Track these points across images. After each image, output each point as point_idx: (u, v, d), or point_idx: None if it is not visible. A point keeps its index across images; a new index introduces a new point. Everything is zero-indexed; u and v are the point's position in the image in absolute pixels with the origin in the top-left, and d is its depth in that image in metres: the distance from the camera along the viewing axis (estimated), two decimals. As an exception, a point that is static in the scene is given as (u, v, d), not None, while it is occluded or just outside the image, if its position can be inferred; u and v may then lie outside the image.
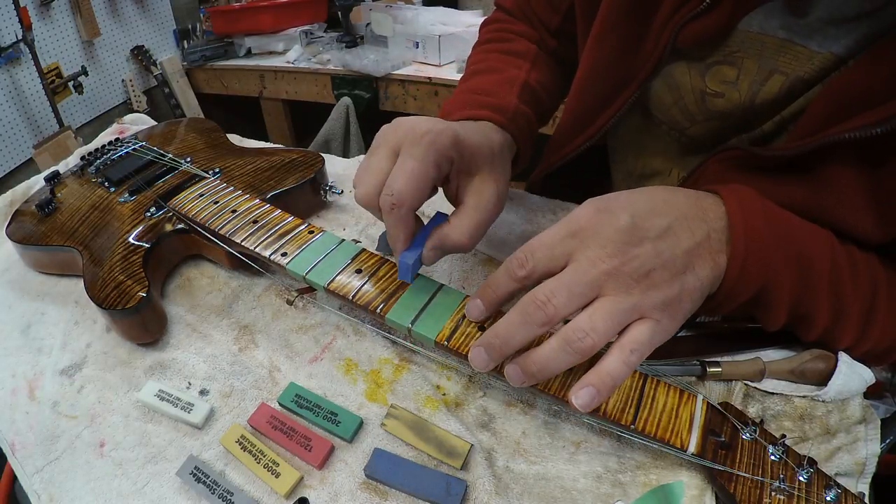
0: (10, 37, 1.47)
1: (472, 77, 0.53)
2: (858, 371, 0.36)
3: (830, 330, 0.36)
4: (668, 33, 0.42)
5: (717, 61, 0.42)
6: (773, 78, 0.40)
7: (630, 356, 0.30)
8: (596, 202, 0.32)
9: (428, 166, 0.34)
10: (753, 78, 0.41)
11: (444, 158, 0.35)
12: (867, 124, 0.32)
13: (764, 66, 0.40)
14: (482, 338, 0.32)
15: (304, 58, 1.83)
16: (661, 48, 0.43)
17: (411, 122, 0.36)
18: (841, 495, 0.29)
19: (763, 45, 0.39)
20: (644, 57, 0.45)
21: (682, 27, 0.41)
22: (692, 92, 0.45)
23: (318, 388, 0.40)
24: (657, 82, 0.47)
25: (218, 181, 0.52)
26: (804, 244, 0.35)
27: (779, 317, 0.36)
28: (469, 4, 1.96)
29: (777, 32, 0.38)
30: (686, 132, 0.48)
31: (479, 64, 0.55)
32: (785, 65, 0.39)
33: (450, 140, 0.35)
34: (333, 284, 0.39)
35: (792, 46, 0.38)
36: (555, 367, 0.30)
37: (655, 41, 0.43)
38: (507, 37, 0.57)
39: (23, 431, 0.40)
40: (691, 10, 0.40)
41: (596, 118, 0.51)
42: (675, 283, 0.30)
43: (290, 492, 0.34)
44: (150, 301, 0.42)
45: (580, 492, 0.33)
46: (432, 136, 0.34)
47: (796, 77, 0.38)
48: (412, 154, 0.34)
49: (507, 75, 0.52)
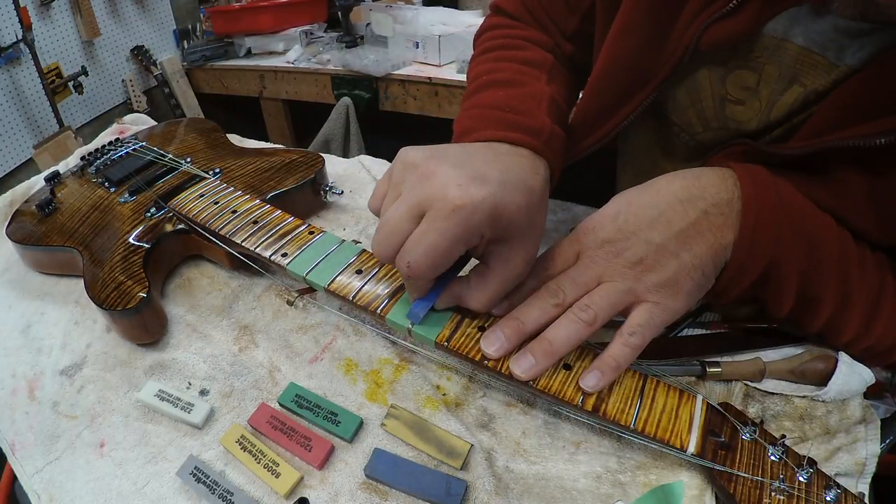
0: (10, 37, 1.47)
1: (484, 89, 0.47)
2: (858, 371, 0.36)
3: (835, 317, 0.36)
4: (691, 34, 0.40)
5: (738, 65, 0.41)
6: (792, 89, 0.39)
7: (630, 339, 0.33)
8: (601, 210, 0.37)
9: (454, 245, 0.31)
10: (773, 86, 0.40)
11: (475, 236, 0.32)
12: (871, 133, 0.32)
13: (784, 75, 0.39)
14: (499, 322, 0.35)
15: (304, 58, 1.83)
16: (682, 49, 0.41)
17: (445, 182, 0.31)
18: (841, 495, 0.29)
19: (785, 52, 0.38)
20: (665, 58, 0.43)
21: (707, 28, 0.39)
22: (712, 97, 0.44)
23: (318, 389, 0.40)
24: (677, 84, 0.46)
25: (218, 181, 0.52)
26: (814, 225, 0.35)
27: (787, 298, 0.36)
28: (469, 4, 1.96)
29: (797, 39, 0.38)
30: (696, 136, 0.48)
31: (492, 74, 0.48)
32: (804, 74, 0.38)
33: (486, 217, 0.31)
34: (334, 285, 0.39)
35: (811, 56, 0.37)
36: (563, 336, 0.33)
37: (678, 41, 0.42)
38: (519, 44, 0.52)
39: (23, 431, 0.40)
40: (717, 10, 0.38)
41: (609, 119, 0.49)
42: (670, 265, 0.33)
43: (290, 492, 0.34)
44: (150, 301, 0.42)
45: (580, 492, 0.33)
46: (466, 214, 0.30)
47: (812, 90, 0.38)
48: (437, 228, 0.30)
49: (530, 89, 0.46)
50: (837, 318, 0.36)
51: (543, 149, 0.40)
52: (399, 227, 0.32)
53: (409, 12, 1.68)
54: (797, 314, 0.37)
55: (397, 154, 0.34)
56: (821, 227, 0.35)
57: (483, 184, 0.31)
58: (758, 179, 0.35)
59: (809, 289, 0.35)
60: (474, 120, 0.43)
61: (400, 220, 0.32)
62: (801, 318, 0.37)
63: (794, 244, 0.34)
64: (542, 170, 0.38)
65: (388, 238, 0.32)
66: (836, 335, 0.37)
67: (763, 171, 0.36)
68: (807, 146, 0.36)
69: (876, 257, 0.37)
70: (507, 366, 0.34)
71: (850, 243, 0.36)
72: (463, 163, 0.33)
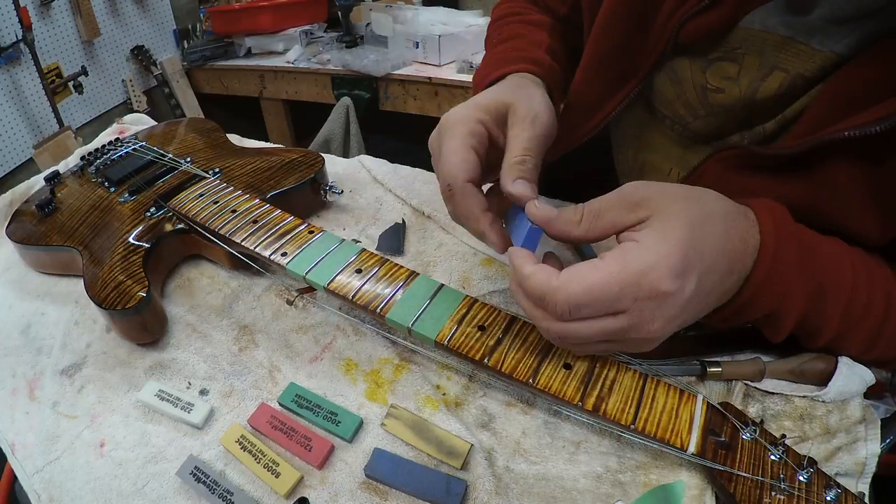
0: (10, 37, 1.47)
1: (496, 46, 0.54)
2: (858, 372, 0.36)
3: (833, 342, 0.36)
4: (670, 28, 0.42)
5: (718, 57, 0.42)
6: (774, 74, 0.40)
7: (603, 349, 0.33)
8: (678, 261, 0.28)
9: (465, 139, 0.36)
10: (754, 75, 0.41)
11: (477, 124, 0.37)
12: (866, 122, 0.32)
13: (765, 63, 0.40)
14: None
15: (304, 58, 1.83)
16: (663, 43, 0.43)
17: (444, 118, 0.38)
18: (841, 495, 0.29)
19: (764, 43, 0.39)
20: (647, 51, 0.45)
21: (685, 23, 0.41)
22: (694, 87, 0.45)
23: (318, 388, 0.40)
24: (660, 76, 0.48)
25: (218, 181, 0.52)
26: (828, 275, 0.34)
27: (782, 335, 0.36)
28: (469, 4, 1.97)
29: (778, 30, 0.38)
30: (689, 126, 0.48)
31: (501, 34, 0.56)
32: (786, 61, 0.39)
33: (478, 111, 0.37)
34: (333, 284, 0.39)
35: (794, 44, 0.38)
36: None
37: (659, 35, 0.44)
38: (524, 10, 0.59)
39: (23, 431, 0.40)
40: (693, 5, 0.40)
41: (598, 110, 0.51)
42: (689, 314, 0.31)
43: (290, 492, 0.34)
44: (150, 301, 0.42)
45: (580, 492, 0.33)
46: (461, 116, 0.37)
47: (797, 74, 0.38)
48: (448, 137, 0.36)
49: (532, 38, 0.53)
50: (835, 344, 0.36)
51: (544, 74, 0.46)
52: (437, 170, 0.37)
53: (409, 12, 1.68)
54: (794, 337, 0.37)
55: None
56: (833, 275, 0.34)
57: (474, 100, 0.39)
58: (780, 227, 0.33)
59: (808, 326, 0.35)
60: (487, 67, 0.49)
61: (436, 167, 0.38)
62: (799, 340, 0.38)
63: (801, 294, 0.34)
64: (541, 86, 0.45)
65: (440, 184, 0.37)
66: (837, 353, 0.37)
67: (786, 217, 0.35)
68: (802, 143, 0.36)
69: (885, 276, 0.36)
70: (508, 366, 0.34)
71: (861, 279, 0.35)
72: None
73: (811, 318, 0.35)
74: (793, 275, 0.33)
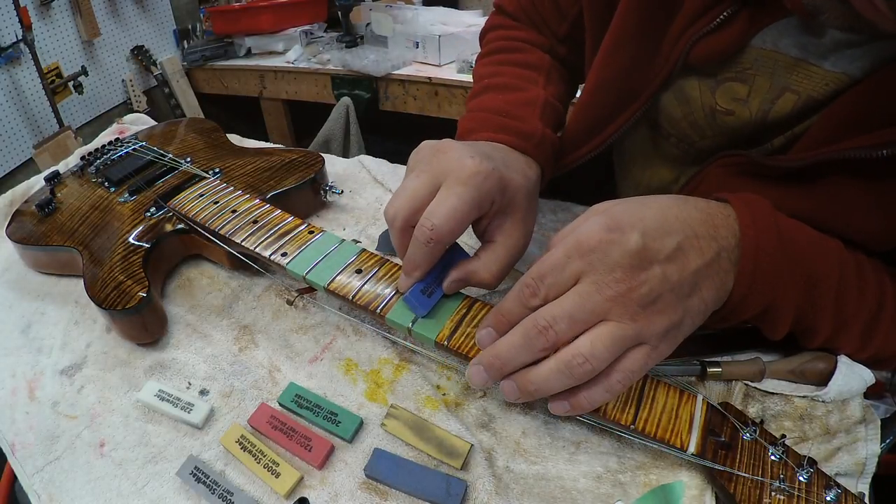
0: (10, 37, 1.47)
1: (486, 92, 0.50)
2: (858, 372, 0.36)
3: (831, 339, 0.36)
4: (679, 49, 0.41)
5: (728, 78, 0.41)
6: (785, 96, 0.39)
7: (615, 384, 0.30)
8: (605, 218, 0.30)
9: (472, 208, 0.34)
10: (764, 96, 0.40)
11: (487, 202, 0.35)
12: (872, 145, 0.32)
13: (776, 85, 0.39)
14: (482, 356, 0.32)
15: (304, 58, 1.83)
16: (672, 63, 0.42)
17: (459, 155, 0.35)
18: (841, 495, 0.29)
19: (776, 63, 0.38)
20: (655, 71, 0.44)
21: (695, 43, 0.40)
22: (702, 108, 0.44)
23: (318, 388, 0.40)
24: (667, 96, 0.46)
25: (218, 181, 0.52)
26: (813, 263, 0.34)
27: (781, 331, 0.36)
28: (469, 4, 1.97)
29: (790, 51, 0.37)
30: (695, 145, 0.48)
31: (494, 78, 0.52)
32: (797, 83, 0.38)
33: (496, 184, 0.35)
34: (333, 284, 0.39)
35: (805, 66, 0.37)
36: (551, 387, 0.30)
37: (667, 56, 0.42)
38: (519, 46, 0.55)
39: (23, 431, 0.40)
40: (705, 25, 0.39)
41: (603, 129, 0.50)
42: (680, 308, 0.30)
43: (290, 492, 0.34)
44: (150, 301, 0.42)
45: (580, 492, 0.33)
46: (480, 179, 0.34)
47: (809, 97, 0.38)
48: (457, 192, 0.33)
49: (526, 95, 0.49)
50: (833, 341, 0.36)
51: (534, 151, 0.44)
52: (418, 193, 0.35)
53: (409, 12, 1.68)
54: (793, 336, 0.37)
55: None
56: (820, 263, 0.34)
57: (490, 160, 0.35)
58: (759, 219, 0.33)
59: (805, 322, 0.35)
60: (475, 122, 0.46)
61: (419, 187, 0.35)
62: (797, 339, 0.38)
63: (792, 289, 0.34)
64: (534, 167, 0.43)
65: (408, 202, 0.35)
66: (835, 351, 0.37)
67: (763, 207, 0.34)
68: (806, 158, 0.36)
69: (875, 268, 0.37)
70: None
71: (849, 269, 0.35)
72: (470, 146, 0.37)
73: (805, 310, 0.35)
74: (781, 264, 0.33)
